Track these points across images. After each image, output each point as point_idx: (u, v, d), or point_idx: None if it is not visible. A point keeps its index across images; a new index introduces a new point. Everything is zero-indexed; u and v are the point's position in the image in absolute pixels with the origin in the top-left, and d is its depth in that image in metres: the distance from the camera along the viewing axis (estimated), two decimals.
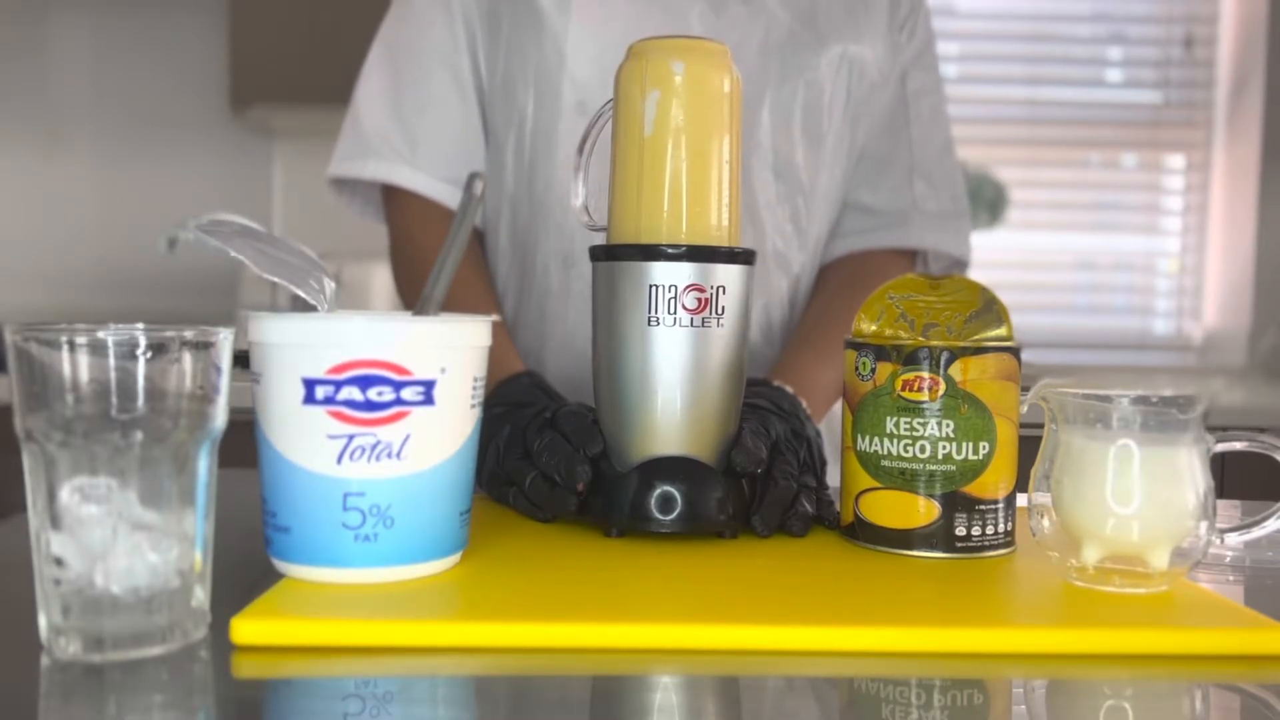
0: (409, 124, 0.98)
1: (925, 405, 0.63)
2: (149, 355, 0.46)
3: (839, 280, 1.04)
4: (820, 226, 1.02)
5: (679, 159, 0.67)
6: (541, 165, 0.96)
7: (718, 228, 0.67)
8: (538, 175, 0.96)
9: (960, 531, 0.64)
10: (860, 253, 1.05)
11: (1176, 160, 2.55)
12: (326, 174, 1.02)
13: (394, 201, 1.01)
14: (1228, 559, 0.69)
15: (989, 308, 0.66)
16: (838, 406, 1.02)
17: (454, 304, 0.78)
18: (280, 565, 0.57)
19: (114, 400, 0.46)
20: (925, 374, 0.63)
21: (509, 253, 1.01)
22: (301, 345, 0.54)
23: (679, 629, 0.50)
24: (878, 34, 1.00)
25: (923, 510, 0.64)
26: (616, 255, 0.67)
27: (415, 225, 0.99)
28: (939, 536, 0.64)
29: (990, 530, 0.64)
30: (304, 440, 0.54)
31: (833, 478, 1.02)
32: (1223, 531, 0.61)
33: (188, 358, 0.47)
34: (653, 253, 0.66)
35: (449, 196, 0.98)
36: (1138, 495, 0.56)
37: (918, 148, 1.05)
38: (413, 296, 1.00)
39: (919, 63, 1.05)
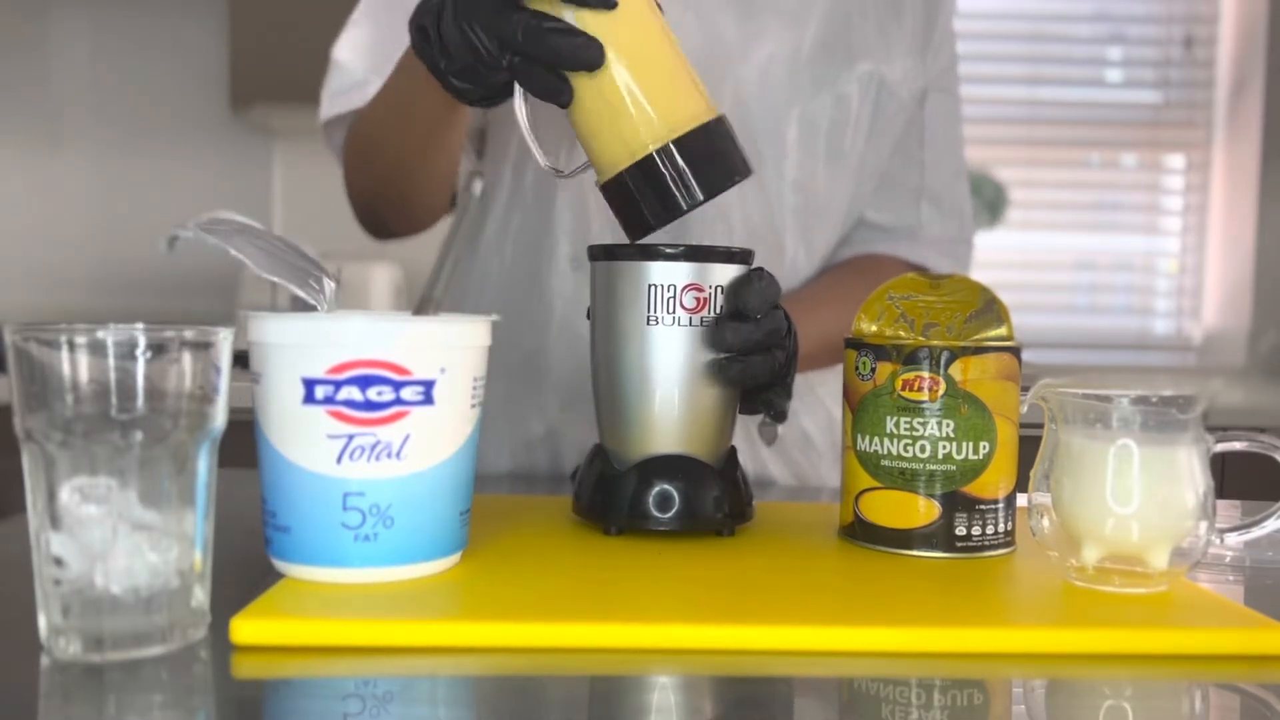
0: (386, 63, 0.94)
1: (925, 405, 0.63)
2: (149, 355, 0.46)
3: (843, 267, 1.03)
4: (829, 246, 1.02)
5: (633, 58, 0.62)
6: None
7: (699, 95, 0.64)
8: (546, 177, 0.96)
9: (960, 531, 0.64)
10: (864, 254, 1.05)
11: (1176, 160, 2.55)
12: (320, 119, 0.99)
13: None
14: (1227, 559, 0.69)
15: (989, 307, 0.66)
16: (837, 409, 1.02)
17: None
18: (280, 565, 0.57)
19: (114, 400, 0.46)
20: (925, 374, 0.63)
21: (514, 252, 1.00)
22: (301, 345, 0.54)
23: (679, 629, 0.50)
24: (908, 53, 0.99)
25: (923, 510, 0.64)
26: (615, 255, 0.67)
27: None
28: (939, 536, 0.64)
29: (990, 530, 0.64)
30: (304, 440, 0.54)
31: (833, 478, 1.02)
32: (1222, 531, 0.61)
33: (187, 358, 0.47)
34: (651, 252, 0.66)
35: None
36: (1137, 495, 0.56)
37: (929, 171, 1.04)
38: (368, 176, 0.96)
39: (939, 84, 1.03)
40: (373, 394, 0.54)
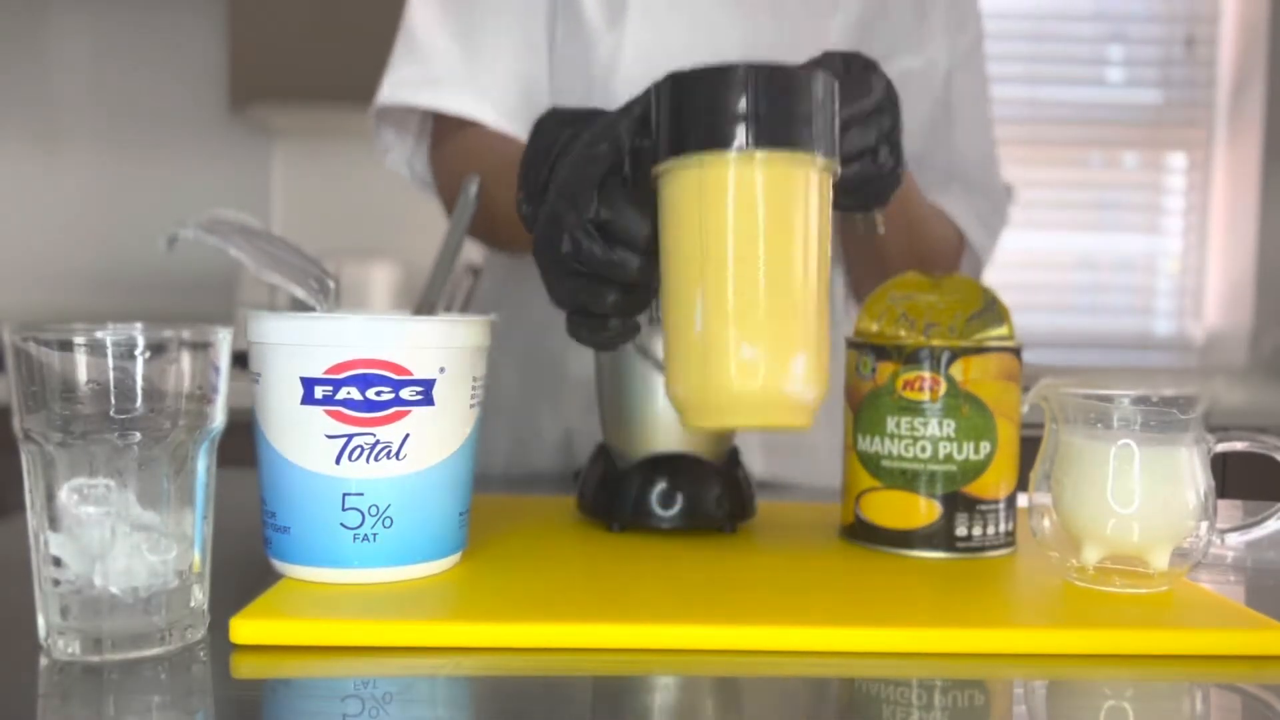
0: (474, 55, 0.88)
1: (926, 405, 0.63)
2: (147, 355, 0.46)
3: None
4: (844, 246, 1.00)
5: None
6: None
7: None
8: None
9: (961, 531, 0.64)
10: None
11: (1178, 159, 2.55)
12: (379, 102, 0.90)
13: (448, 128, 0.91)
14: (1229, 559, 0.68)
15: (990, 307, 0.66)
16: (839, 406, 1.02)
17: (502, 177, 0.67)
18: (279, 565, 0.57)
19: (112, 400, 0.45)
20: (926, 374, 0.63)
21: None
22: (300, 345, 0.54)
23: (679, 629, 0.50)
24: (935, 36, 0.96)
25: (923, 510, 0.64)
26: None
27: (480, 139, 0.88)
28: (939, 536, 0.64)
29: (991, 530, 0.64)
30: (303, 440, 0.54)
31: (834, 478, 1.02)
32: (1223, 531, 0.60)
33: (186, 358, 0.47)
34: None
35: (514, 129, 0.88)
36: (1138, 495, 0.56)
37: (958, 154, 1.00)
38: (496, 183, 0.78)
39: (967, 64, 1.00)
40: (372, 394, 0.54)
